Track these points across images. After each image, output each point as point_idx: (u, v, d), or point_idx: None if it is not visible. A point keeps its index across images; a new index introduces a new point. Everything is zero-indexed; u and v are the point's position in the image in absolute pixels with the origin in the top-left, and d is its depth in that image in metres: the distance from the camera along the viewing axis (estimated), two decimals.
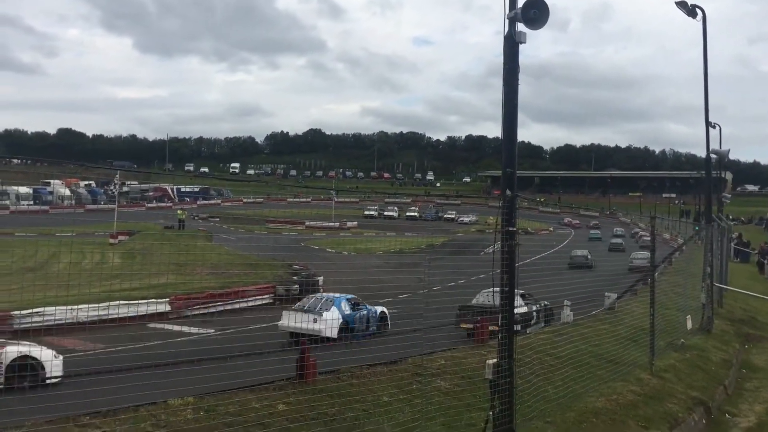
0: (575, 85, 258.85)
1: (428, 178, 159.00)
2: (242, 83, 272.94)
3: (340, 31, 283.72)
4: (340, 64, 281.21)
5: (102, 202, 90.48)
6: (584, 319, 15.94)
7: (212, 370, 8.58)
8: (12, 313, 14.81)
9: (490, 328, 14.95)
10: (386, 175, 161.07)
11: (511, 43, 7.52)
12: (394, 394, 8.95)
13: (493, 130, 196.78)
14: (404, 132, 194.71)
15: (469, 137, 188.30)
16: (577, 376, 10.68)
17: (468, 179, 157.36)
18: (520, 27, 7.44)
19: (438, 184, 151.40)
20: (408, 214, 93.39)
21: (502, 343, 7.70)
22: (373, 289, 22.38)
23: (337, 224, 74.30)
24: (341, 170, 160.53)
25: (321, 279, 25.26)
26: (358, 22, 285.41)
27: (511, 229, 7.71)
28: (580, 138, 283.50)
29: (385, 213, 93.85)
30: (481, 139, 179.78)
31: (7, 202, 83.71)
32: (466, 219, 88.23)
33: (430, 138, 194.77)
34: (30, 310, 15.04)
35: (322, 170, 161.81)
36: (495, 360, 7.65)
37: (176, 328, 18.36)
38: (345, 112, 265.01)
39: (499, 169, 8.19)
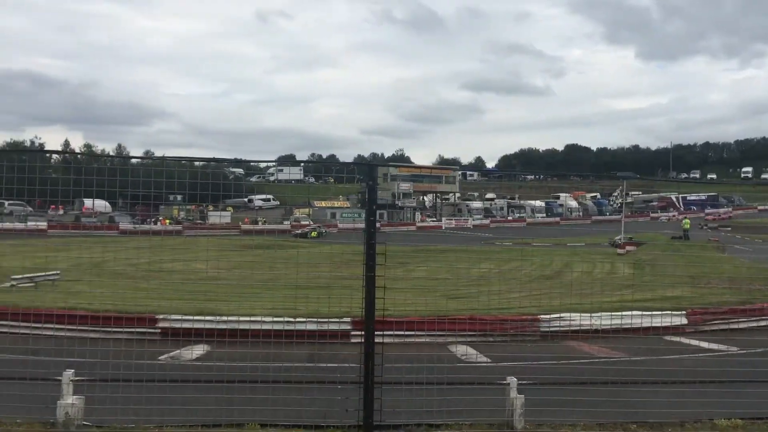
0: None
1: None
2: (753, 79, 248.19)
3: None
4: None
5: (607, 213, 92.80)
6: None
7: (746, 394, 7.82)
8: (539, 317, 16.07)
9: None
10: None
11: None
12: None
13: None
14: None
15: None
16: None
17: None
18: None
19: None
20: None
21: None
22: None
23: None
24: None
25: None
26: None
27: None
28: None
29: None
30: None
31: (524, 214, 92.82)
32: None
33: None
34: (553, 315, 16.13)
35: None
36: None
37: (693, 342, 17.47)
38: None
39: None
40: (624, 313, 15.58)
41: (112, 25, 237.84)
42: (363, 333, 5.57)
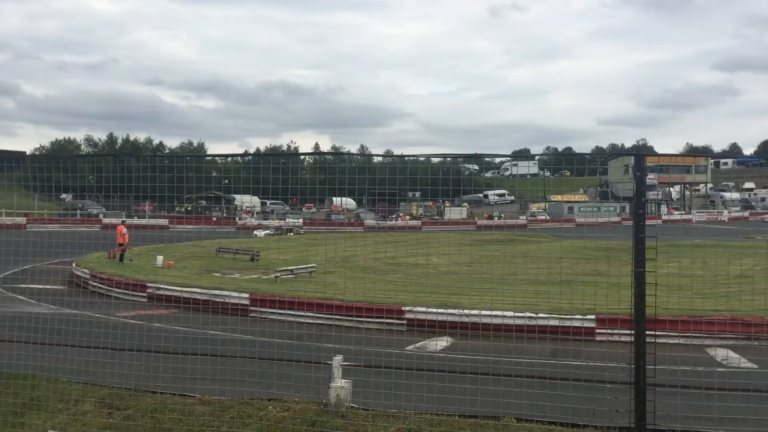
0: None
1: None
2: None
3: None
4: None
5: None
6: None
7: None
8: None
9: None
10: None
11: None
12: None
13: None
14: None
15: None
16: None
17: None
18: None
19: None
20: None
21: None
22: None
23: None
24: None
25: None
26: None
27: None
28: None
29: None
30: None
31: None
32: None
33: None
34: None
35: None
36: None
37: None
38: None
39: None
40: None
41: (356, 34, 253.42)
42: (633, 332, 5.31)
